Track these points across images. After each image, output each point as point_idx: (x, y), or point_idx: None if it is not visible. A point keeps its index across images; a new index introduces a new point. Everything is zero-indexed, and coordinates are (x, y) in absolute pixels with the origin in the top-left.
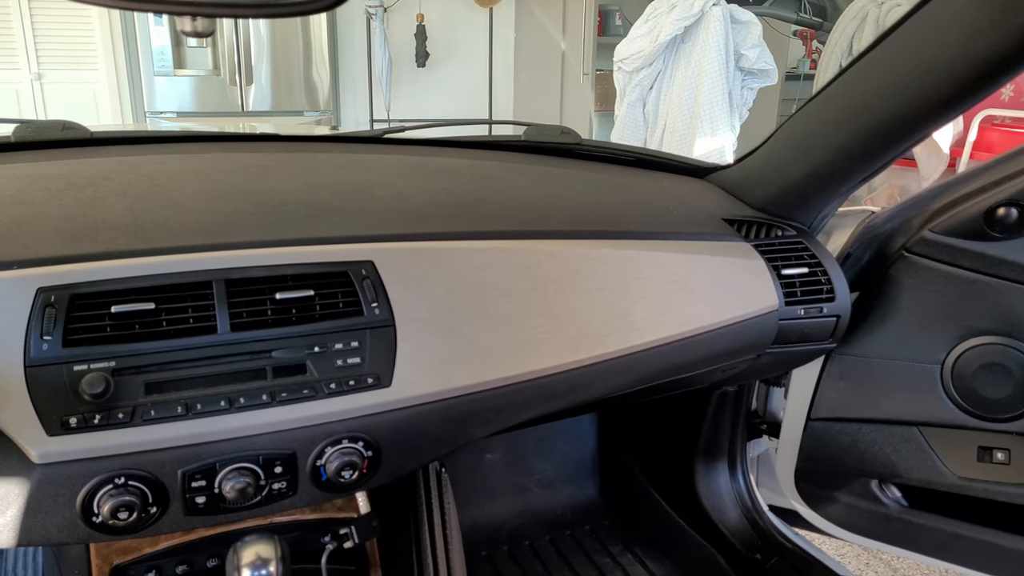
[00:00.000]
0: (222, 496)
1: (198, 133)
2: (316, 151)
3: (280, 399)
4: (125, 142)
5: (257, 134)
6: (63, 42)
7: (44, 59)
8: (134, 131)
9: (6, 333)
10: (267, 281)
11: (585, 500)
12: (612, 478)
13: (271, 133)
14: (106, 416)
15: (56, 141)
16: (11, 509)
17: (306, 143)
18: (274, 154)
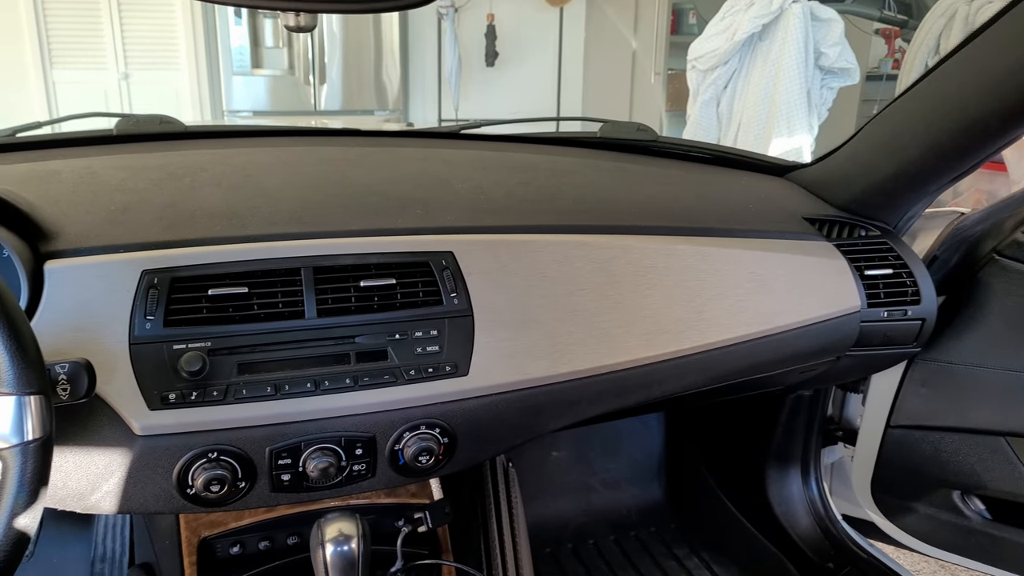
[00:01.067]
0: (306, 475)
1: (284, 128)
2: (395, 146)
3: (362, 383)
4: (217, 136)
5: (340, 129)
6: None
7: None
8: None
9: (114, 312)
10: (352, 269)
11: (651, 501)
12: (679, 480)
13: (353, 128)
14: (202, 393)
15: (154, 134)
16: (113, 478)
17: (385, 138)
18: (356, 148)
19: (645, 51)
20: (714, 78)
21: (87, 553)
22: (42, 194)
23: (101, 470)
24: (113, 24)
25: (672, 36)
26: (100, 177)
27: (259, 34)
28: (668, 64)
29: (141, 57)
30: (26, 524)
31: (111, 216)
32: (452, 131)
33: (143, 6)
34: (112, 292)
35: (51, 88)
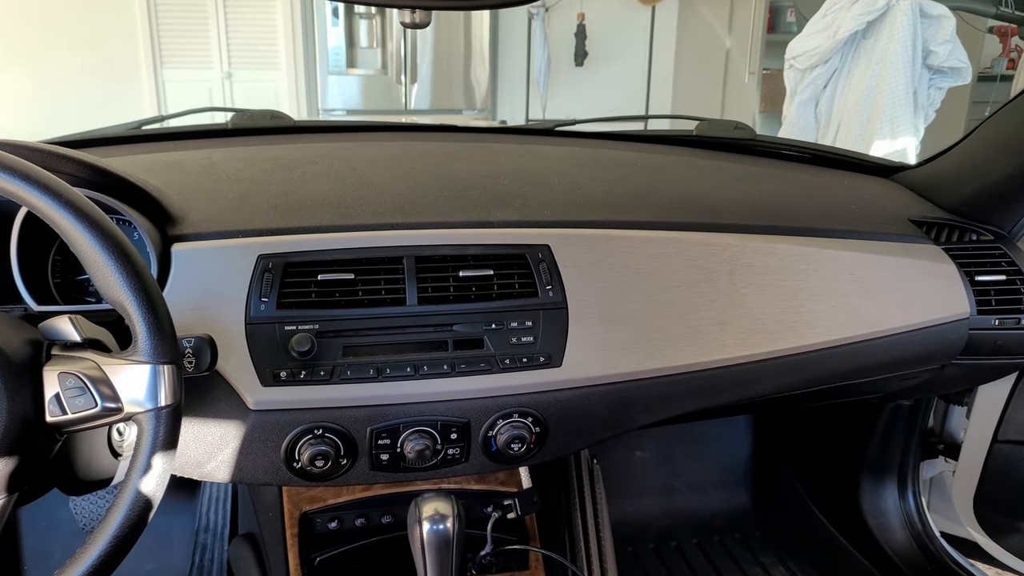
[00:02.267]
0: (403, 455)
1: (387, 123)
2: (491, 142)
3: (459, 370)
4: (324, 130)
5: (439, 125)
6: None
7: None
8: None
9: (232, 293)
10: (452, 259)
11: (736, 507)
12: (766, 487)
13: (450, 124)
14: (310, 373)
15: (265, 128)
16: (228, 448)
17: (482, 134)
18: (454, 143)
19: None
20: (813, 77)
21: (192, 524)
22: (168, 182)
23: (217, 440)
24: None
25: (768, 35)
26: (219, 167)
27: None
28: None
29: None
30: (157, 483)
31: (230, 204)
32: (547, 128)
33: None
34: (231, 274)
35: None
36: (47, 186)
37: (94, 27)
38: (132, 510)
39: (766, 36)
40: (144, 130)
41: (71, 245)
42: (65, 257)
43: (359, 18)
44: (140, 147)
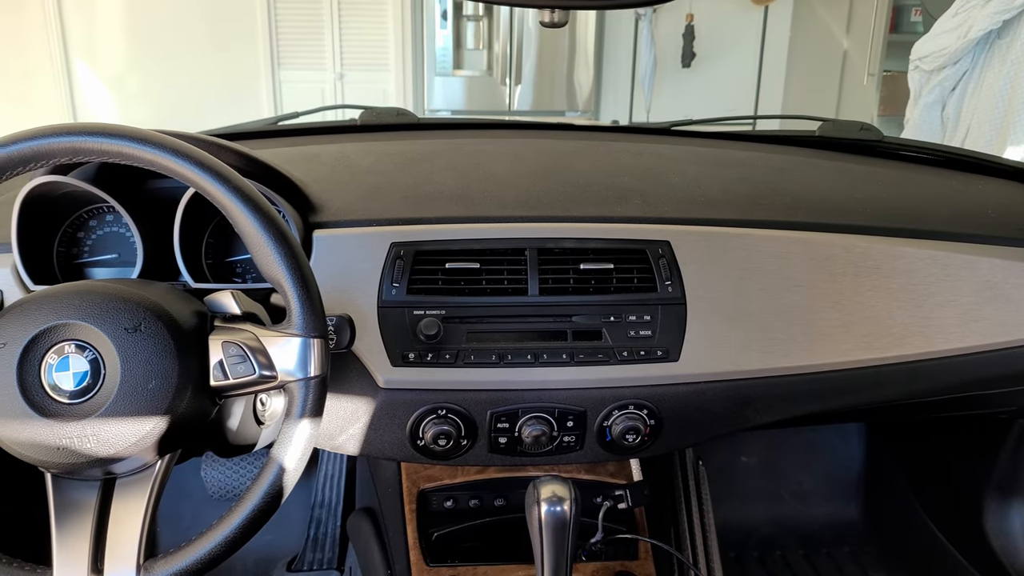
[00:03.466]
0: (520, 440)
1: (507, 121)
2: (608, 140)
3: (577, 360)
4: (447, 127)
5: (557, 123)
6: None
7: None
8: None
9: (367, 277)
10: (573, 252)
11: (846, 519)
12: (879, 500)
13: (568, 123)
14: (436, 356)
15: (392, 125)
16: (359, 423)
17: (599, 133)
18: (573, 142)
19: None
20: (941, 79)
21: (308, 500)
22: (307, 173)
23: (349, 415)
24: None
25: (891, 35)
26: (352, 160)
27: (462, 37)
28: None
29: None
30: (304, 446)
31: (365, 194)
32: (664, 127)
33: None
34: (366, 260)
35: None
36: (219, 173)
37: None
38: (283, 469)
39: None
40: (280, 125)
41: (236, 226)
42: (217, 240)
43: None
44: (277, 141)
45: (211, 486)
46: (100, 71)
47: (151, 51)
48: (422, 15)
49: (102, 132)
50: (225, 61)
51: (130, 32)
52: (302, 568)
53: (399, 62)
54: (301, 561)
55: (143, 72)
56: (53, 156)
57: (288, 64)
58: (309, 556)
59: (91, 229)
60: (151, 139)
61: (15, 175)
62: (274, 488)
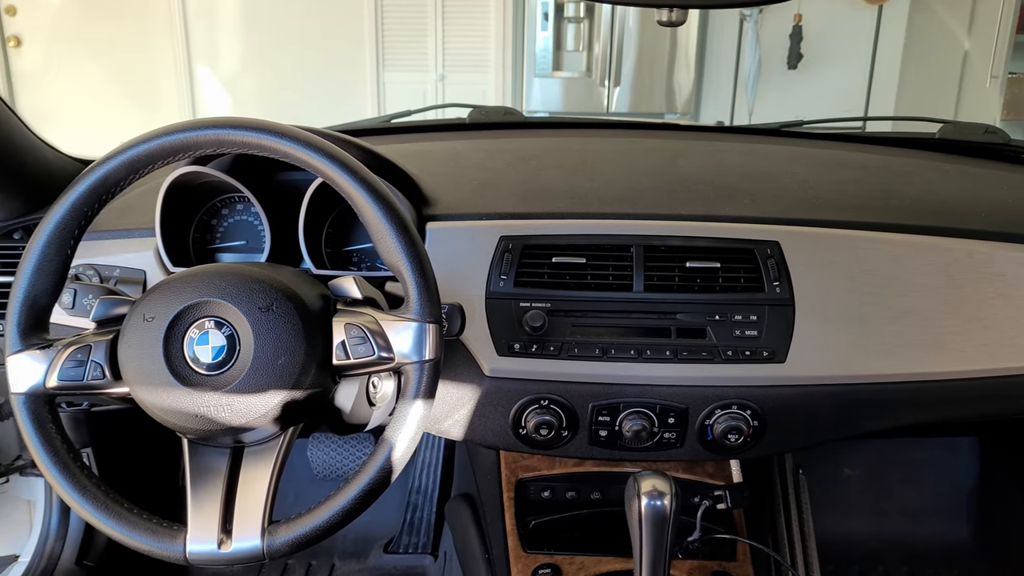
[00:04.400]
0: (621, 434)
1: (613, 120)
2: (715, 141)
3: (681, 357)
4: (553, 126)
5: (663, 123)
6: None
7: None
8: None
9: (476, 269)
10: (679, 250)
11: (955, 539)
12: (992, 518)
13: (674, 123)
14: (540, 347)
15: (500, 123)
16: (464, 409)
17: (705, 133)
18: (679, 141)
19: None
20: None
21: (405, 485)
22: (420, 169)
23: (455, 401)
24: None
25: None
26: (463, 157)
27: (562, 38)
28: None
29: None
30: (417, 426)
31: (475, 189)
32: (773, 128)
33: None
34: (475, 253)
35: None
36: (348, 166)
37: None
38: (396, 446)
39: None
40: (393, 123)
41: (360, 215)
42: (336, 230)
43: (568, 22)
44: (390, 138)
45: (316, 466)
46: (218, 73)
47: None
48: (523, 17)
49: (244, 126)
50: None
51: (246, 37)
52: (398, 551)
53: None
54: (397, 544)
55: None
56: (199, 147)
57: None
58: (405, 540)
59: (223, 217)
60: (288, 133)
61: (165, 164)
62: (388, 463)
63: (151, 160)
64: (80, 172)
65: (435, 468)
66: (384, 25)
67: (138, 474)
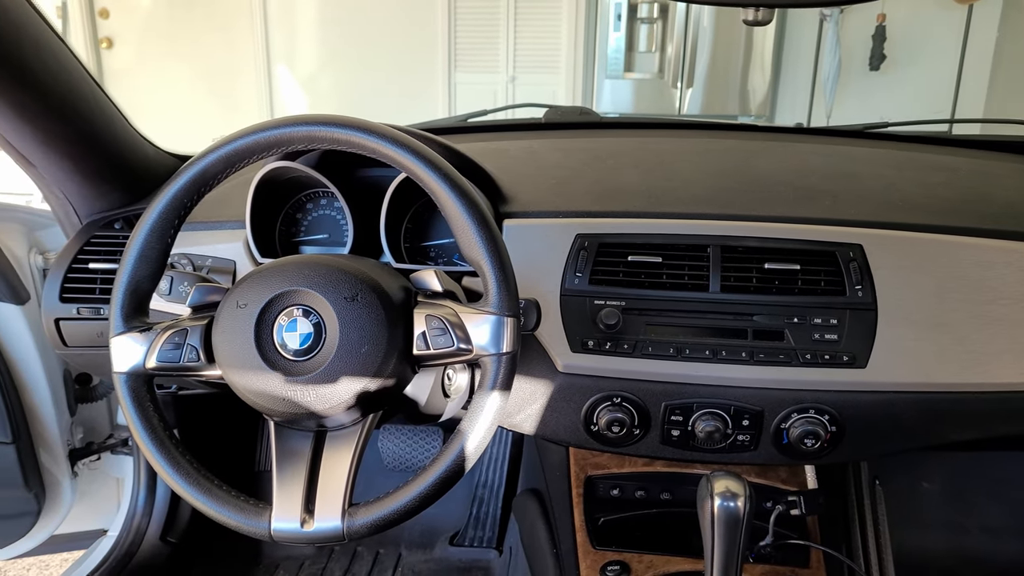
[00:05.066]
0: (693, 434)
1: (689, 120)
2: (795, 142)
3: (757, 359)
4: (629, 126)
5: (741, 124)
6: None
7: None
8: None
9: (551, 265)
10: (757, 251)
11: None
12: None
13: (750, 124)
14: (614, 345)
15: (575, 123)
16: (536, 404)
17: (784, 134)
18: (757, 142)
19: None
20: None
21: (472, 479)
22: (497, 167)
23: (527, 396)
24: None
25: None
26: (539, 156)
27: (635, 39)
28: None
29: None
30: (492, 417)
31: (551, 188)
32: (856, 129)
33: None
34: (551, 250)
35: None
36: (432, 162)
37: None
38: (472, 435)
39: None
40: (470, 122)
41: (443, 210)
42: (415, 226)
43: (641, 23)
44: (466, 137)
45: (387, 457)
46: (296, 73)
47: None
48: (596, 18)
49: (334, 123)
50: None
51: (324, 37)
52: (463, 544)
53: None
54: (463, 537)
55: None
56: (292, 143)
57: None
58: (471, 533)
59: (308, 211)
60: (375, 130)
61: (259, 159)
62: (464, 452)
63: (247, 155)
64: (175, 166)
65: (502, 464)
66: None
67: (217, 457)
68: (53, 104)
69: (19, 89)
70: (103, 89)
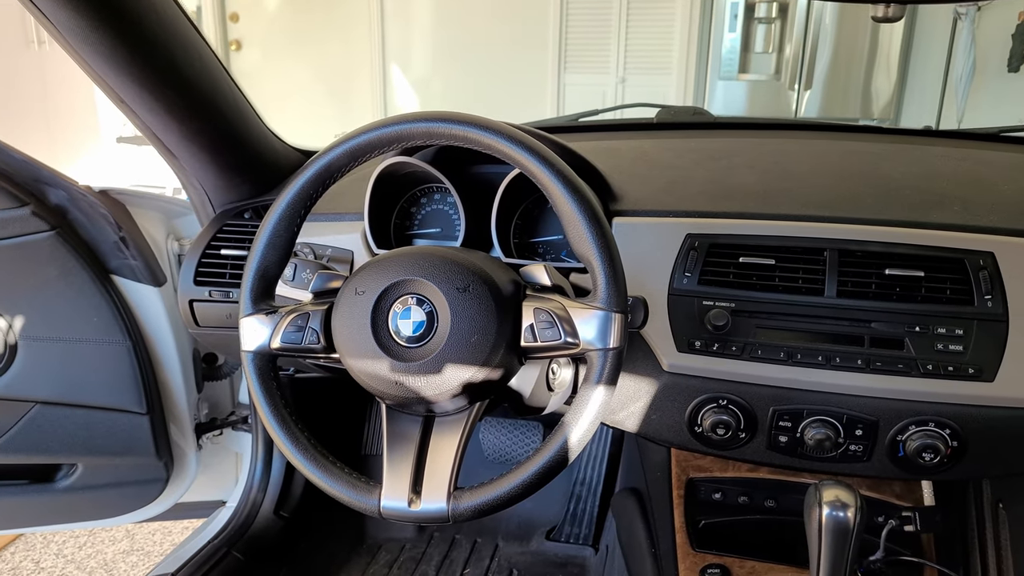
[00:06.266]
0: (802, 441)
1: (807, 121)
2: (923, 145)
3: (874, 367)
4: (745, 127)
5: (864, 126)
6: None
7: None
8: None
9: (660, 265)
10: (878, 257)
11: None
12: None
13: (875, 126)
14: (722, 346)
15: (688, 123)
16: (639, 402)
17: (911, 137)
18: (882, 144)
19: None
20: None
21: (570, 477)
22: (608, 165)
23: (631, 394)
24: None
25: None
26: (650, 155)
27: (751, 40)
28: None
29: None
30: (597, 412)
31: (662, 187)
32: (992, 132)
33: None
34: (660, 249)
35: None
36: (546, 159)
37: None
38: (576, 428)
39: None
40: (580, 122)
41: (555, 206)
42: (524, 223)
43: (758, 23)
44: (577, 136)
45: (487, 449)
46: (409, 74)
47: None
48: (711, 18)
49: (453, 119)
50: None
51: (437, 39)
52: (559, 539)
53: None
54: (559, 532)
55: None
56: (412, 138)
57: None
58: (567, 529)
59: (421, 205)
60: (492, 126)
61: (380, 153)
62: (567, 444)
63: (370, 149)
64: (299, 161)
65: (601, 462)
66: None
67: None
68: (197, 102)
69: (169, 88)
70: (240, 88)
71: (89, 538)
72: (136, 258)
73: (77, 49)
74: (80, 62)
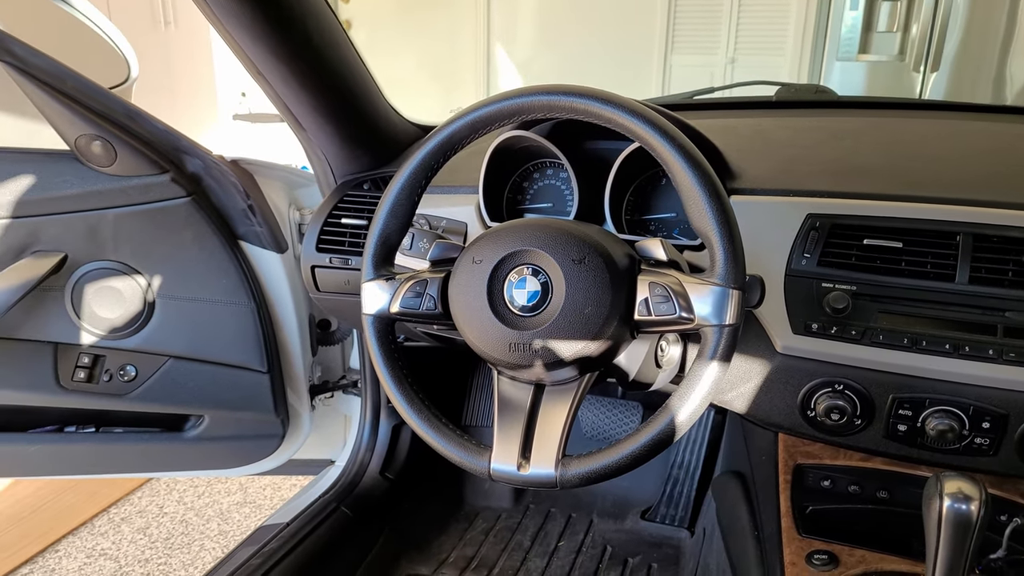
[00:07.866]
0: (923, 431)
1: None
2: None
3: (1007, 358)
4: (870, 106)
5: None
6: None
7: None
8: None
9: (777, 244)
10: (1018, 242)
11: None
12: None
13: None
14: (841, 330)
15: (809, 102)
16: (750, 383)
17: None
18: (1019, 125)
19: None
20: None
21: (668, 459)
22: (725, 143)
23: (742, 374)
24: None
25: None
26: (768, 134)
27: (874, 19)
28: None
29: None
30: (709, 388)
31: (780, 166)
32: None
33: None
34: (778, 228)
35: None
36: (667, 132)
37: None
38: (687, 402)
39: None
40: (695, 100)
41: (674, 180)
42: (637, 199)
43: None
44: (693, 114)
45: (586, 426)
46: (513, 55)
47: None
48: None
49: (573, 92)
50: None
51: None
52: (655, 520)
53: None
54: (655, 513)
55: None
56: (532, 111)
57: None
58: (663, 510)
59: (534, 180)
60: (612, 99)
61: (500, 126)
62: (676, 418)
63: (490, 122)
64: (417, 135)
65: (700, 446)
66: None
67: None
68: (327, 76)
69: (303, 61)
70: (366, 65)
71: (207, 488)
72: (262, 225)
73: (223, 22)
74: (224, 35)
